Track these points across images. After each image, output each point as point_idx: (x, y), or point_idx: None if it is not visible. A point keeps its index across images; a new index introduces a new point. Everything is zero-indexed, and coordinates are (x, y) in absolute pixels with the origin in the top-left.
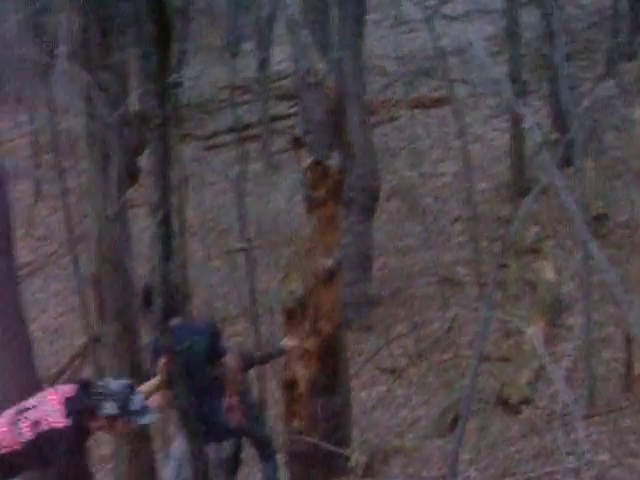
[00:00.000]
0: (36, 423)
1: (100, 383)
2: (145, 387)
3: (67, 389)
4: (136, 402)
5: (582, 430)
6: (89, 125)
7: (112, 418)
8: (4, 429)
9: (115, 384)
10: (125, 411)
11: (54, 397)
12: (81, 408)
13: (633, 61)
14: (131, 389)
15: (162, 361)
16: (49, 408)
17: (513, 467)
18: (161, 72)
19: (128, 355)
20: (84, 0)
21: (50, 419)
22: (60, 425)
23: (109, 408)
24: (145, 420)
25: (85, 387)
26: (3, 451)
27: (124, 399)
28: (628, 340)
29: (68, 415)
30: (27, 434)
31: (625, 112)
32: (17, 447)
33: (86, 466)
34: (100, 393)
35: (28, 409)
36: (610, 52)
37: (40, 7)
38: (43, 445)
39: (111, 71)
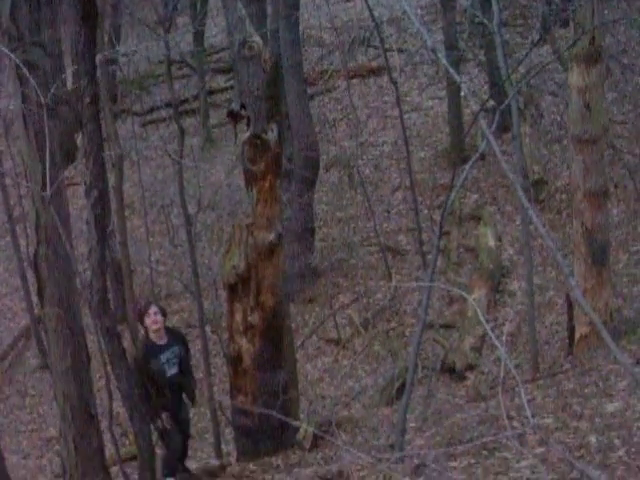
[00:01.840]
0: None
1: None
2: None
3: None
4: None
5: (525, 395)
6: (23, 105)
7: None
8: None
9: None
10: None
11: None
12: None
13: (567, 26)
14: None
15: None
16: None
17: (459, 434)
18: (89, 50)
19: (71, 337)
20: None
21: None
22: None
23: None
24: None
25: None
26: None
27: None
28: (569, 304)
29: None
30: None
31: (561, 77)
32: None
33: None
34: None
35: None
36: (545, 18)
37: None
38: None
39: (43, 48)
